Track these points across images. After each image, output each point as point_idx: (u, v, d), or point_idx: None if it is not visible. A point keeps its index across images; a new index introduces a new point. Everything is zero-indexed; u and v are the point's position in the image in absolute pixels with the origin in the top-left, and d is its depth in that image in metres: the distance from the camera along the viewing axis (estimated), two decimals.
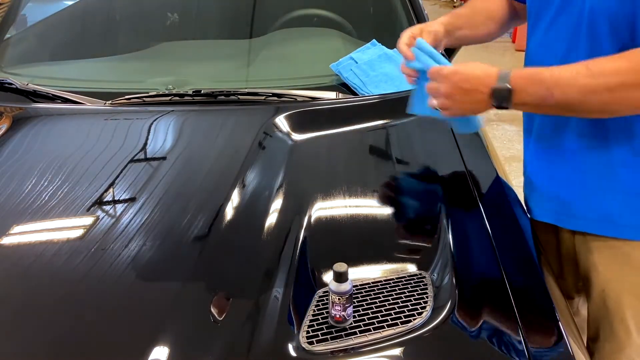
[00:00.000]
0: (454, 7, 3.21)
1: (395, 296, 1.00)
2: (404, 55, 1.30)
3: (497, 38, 1.53)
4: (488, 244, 1.14)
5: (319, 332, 0.93)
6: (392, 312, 0.97)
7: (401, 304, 0.98)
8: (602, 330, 1.31)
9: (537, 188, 1.34)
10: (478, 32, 1.48)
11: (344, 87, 1.73)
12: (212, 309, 0.98)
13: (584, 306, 1.49)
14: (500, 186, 1.35)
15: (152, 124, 1.59)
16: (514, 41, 6.50)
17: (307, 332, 0.93)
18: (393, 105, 1.61)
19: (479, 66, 1.15)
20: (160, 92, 1.70)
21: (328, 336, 0.93)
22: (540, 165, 1.32)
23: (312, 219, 1.19)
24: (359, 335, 0.93)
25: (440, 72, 1.18)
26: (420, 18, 1.99)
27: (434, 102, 1.20)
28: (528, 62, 1.32)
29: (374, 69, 1.73)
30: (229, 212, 1.22)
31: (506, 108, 1.12)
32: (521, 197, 1.38)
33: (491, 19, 1.48)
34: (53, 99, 1.70)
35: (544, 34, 1.25)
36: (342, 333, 0.93)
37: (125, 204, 1.24)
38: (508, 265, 1.08)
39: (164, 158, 1.42)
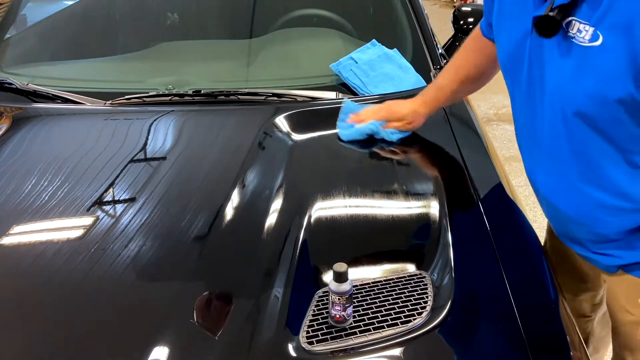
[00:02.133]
0: (454, 7, 3.22)
1: (395, 296, 1.00)
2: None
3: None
4: (488, 243, 1.14)
5: (319, 332, 0.93)
6: (392, 312, 0.97)
7: (401, 304, 0.98)
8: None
9: (570, 225, 1.23)
10: (469, 93, 1.57)
11: (344, 87, 1.73)
12: (212, 309, 0.98)
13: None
14: (499, 186, 1.35)
15: (152, 124, 1.59)
16: None
17: (307, 332, 0.93)
18: None
19: None
20: (160, 92, 1.70)
21: (328, 336, 0.93)
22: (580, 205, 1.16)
23: (312, 219, 1.19)
24: (359, 335, 0.93)
25: None
26: (420, 18, 1.99)
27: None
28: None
29: (374, 69, 1.73)
30: (229, 212, 1.22)
31: None
32: (521, 197, 1.38)
33: (479, 78, 1.46)
34: (53, 99, 1.70)
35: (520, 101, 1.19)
36: (342, 333, 0.93)
37: (125, 204, 1.24)
38: (508, 265, 1.09)
39: (164, 158, 1.42)
